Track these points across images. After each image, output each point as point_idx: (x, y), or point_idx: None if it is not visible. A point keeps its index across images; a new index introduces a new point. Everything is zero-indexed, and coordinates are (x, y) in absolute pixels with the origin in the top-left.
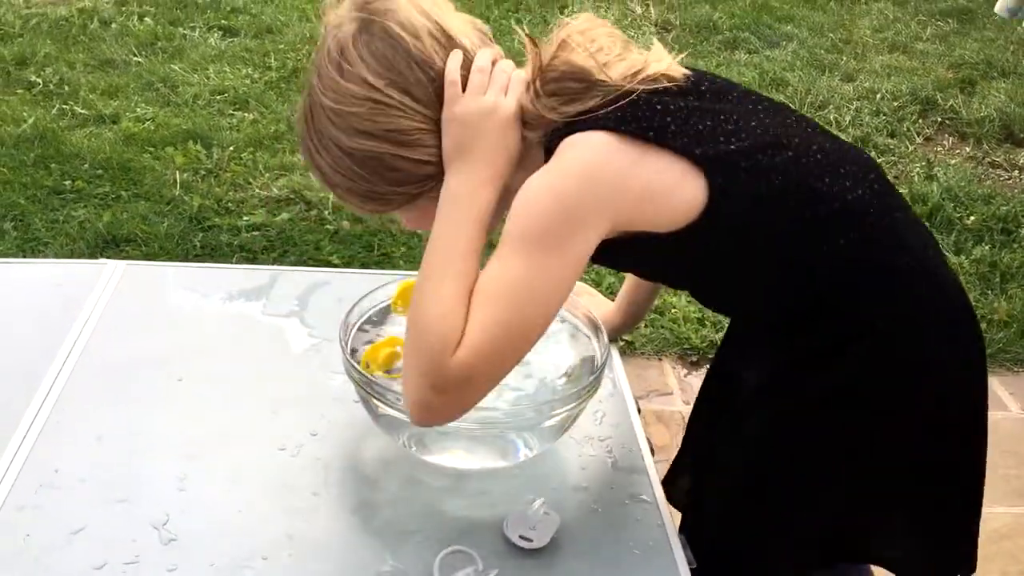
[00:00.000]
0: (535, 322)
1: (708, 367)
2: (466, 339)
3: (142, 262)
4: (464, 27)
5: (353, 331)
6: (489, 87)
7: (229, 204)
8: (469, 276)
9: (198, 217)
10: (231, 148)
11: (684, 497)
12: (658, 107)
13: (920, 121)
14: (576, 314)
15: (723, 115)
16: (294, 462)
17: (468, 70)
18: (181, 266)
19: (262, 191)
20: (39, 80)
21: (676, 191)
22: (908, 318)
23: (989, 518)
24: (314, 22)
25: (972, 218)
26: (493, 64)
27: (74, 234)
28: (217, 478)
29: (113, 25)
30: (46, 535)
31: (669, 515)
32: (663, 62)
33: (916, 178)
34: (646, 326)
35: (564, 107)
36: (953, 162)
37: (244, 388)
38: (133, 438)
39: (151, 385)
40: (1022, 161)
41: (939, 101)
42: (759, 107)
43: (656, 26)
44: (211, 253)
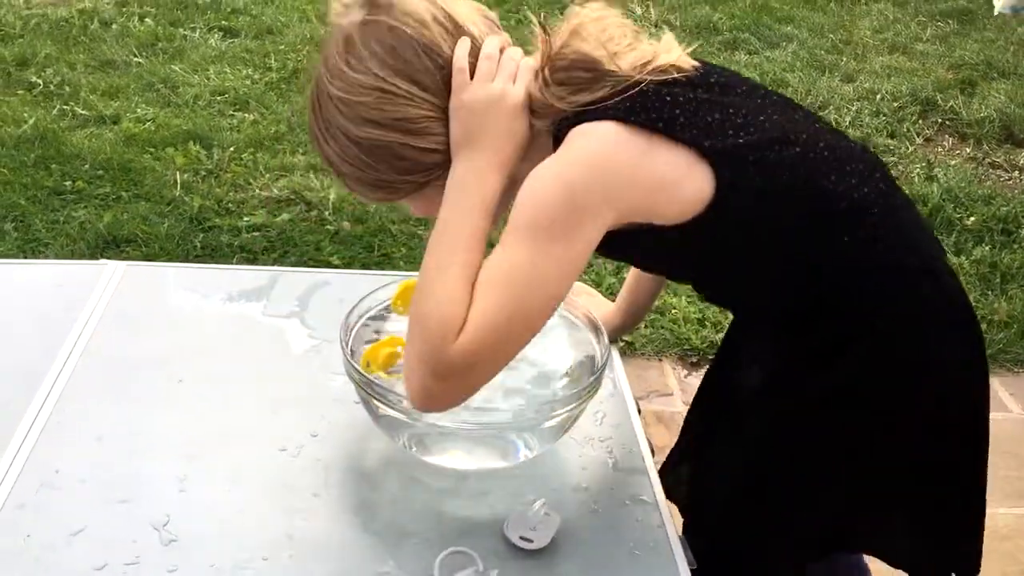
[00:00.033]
0: (538, 311)
1: (708, 366)
2: (468, 325)
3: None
4: (471, 15)
5: (354, 332)
6: (497, 75)
7: (229, 205)
8: (473, 263)
9: (198, 218)
10: (231, 149)
11: (682, 485)
12: (668, 98)
13: (920, 122)
14: (576, 315)
15: (732, 108)
16: (294, 463)
17: (476, 58)
18: (182, 267)
19: (262, 192)
20: (40, 81)
21: (684, 183)
22: (910, 318)
23: (989, 519)
24: (314, 23)
25: (972, 219)
26: (501, 52)
27: (75, 235)
28: (218, 479)
29: (114, 26)
30: (46, 535)
31: (670, 516)
32: (673, 53)
33: (916, 179)
34: (646, 327)
35: (573, 96)
36: (953, 163)
37: (245, 389)
38: (134, 439)
39: (152, 385)
40: (1022, 162)
41: (939, 102)
42: (767, 102)
43: (656, 27)
44: (211, 254)
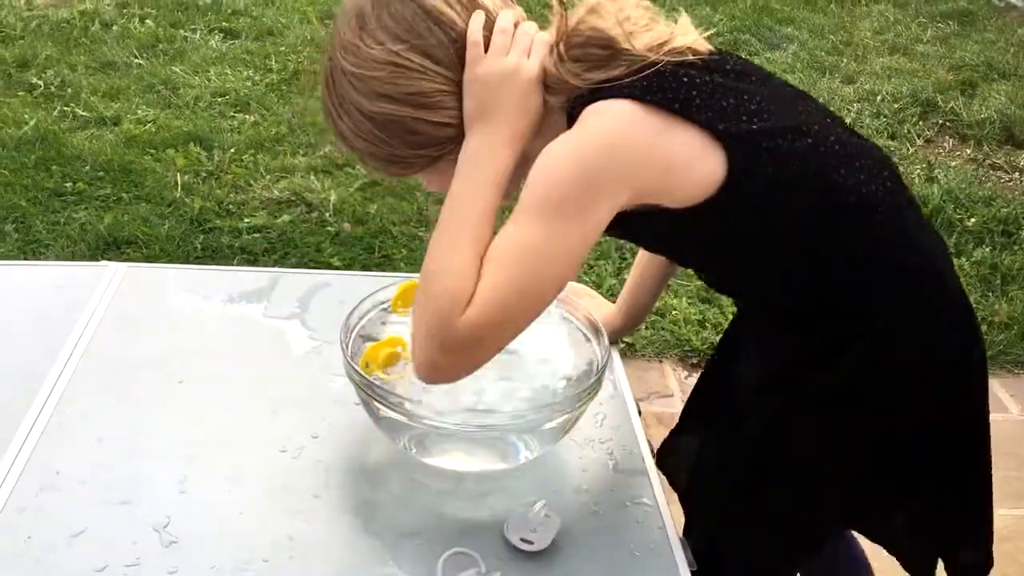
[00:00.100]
0: (547, 288)
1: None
2: (476, 299)
3: (143, 264)
4: None
5: (354, 333)
6: (512, 48)
7: (230, 206)
8: (483, 238)
9: (199, 219)
10: (232, 150)
11: (681, 462)
12: (684, 79)
13: (921, 123)
14: (577, 316)
15: (746, 95)
16: (295, 464)
17: (490, 31)
18: (182, 268)
19: (263, 193)
20: (40, 82)
21: (697, 164)
22: (911, 318)
23: None
24: (315, 24)
25: (973, 220)
26: (516, 26)
27: (75, 236)
28: (218, 480)
29: (114, 27)
30: (47, 537)
31: (671, 517)
32: (689, 36)
33: (917, 180)
34: (647, 328)
35: (588, 73)
36: (954, 164)
37: (245, 390)
38: (134, 440)
39: (152, 387)
40: (1023, 163)
41: (940, 103)
42: (782, 92)
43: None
44: (212, 255)
